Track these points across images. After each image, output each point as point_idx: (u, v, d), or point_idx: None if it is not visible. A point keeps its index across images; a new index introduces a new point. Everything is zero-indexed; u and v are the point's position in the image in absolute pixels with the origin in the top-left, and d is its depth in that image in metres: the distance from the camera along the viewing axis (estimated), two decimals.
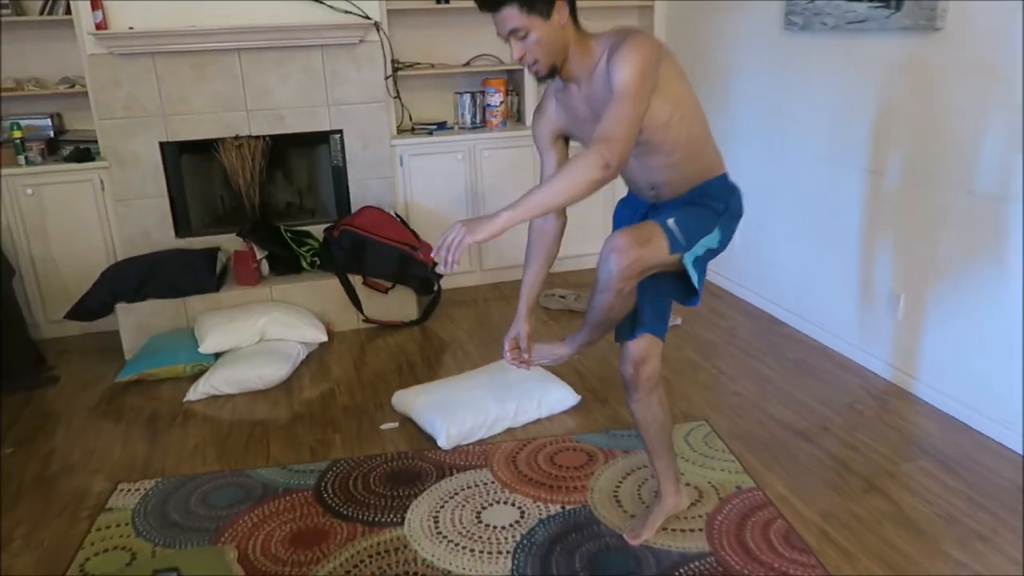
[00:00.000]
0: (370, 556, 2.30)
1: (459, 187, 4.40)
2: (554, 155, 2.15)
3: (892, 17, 2.99)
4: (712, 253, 2.05)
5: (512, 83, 4.59)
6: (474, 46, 4.54)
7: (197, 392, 3.33)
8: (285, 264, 4.00)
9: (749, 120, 4.03)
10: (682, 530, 2.36)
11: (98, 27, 3.65)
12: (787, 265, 3.86)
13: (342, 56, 4.03)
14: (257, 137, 4.00)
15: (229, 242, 4.10)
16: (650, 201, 2.13)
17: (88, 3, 3.63)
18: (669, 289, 2.14)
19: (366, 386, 3.43)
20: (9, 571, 2.31)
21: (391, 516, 2.48)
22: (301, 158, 4.43)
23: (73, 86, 3.95)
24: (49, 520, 2.56)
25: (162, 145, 3.94)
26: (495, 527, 2.41)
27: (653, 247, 1.88)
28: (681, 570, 2.18)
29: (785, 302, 3.91)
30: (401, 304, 4.04)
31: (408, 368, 3.60)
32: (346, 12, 3.92)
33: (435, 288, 4.06)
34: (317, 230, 4.19)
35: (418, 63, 4.43)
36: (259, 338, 3.56)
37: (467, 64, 4.55)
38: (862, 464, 2.69)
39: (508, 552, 2.29)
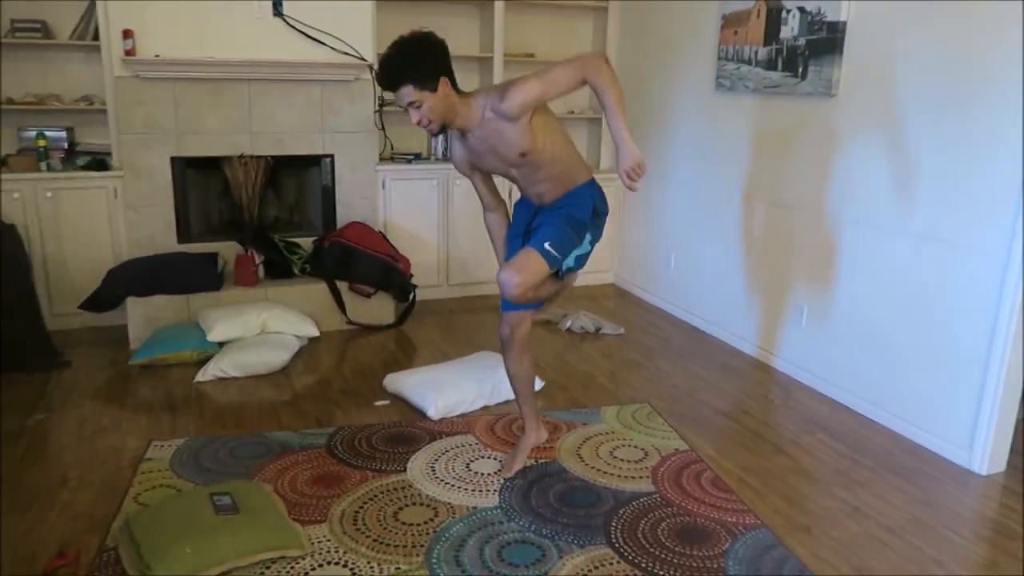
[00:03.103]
0: (382, 492, 2.82)
1: (432, 210, 5.00)
2: (478, 177, 2.81)
3: (799, 84, 3.77)
4: (584, 256, 2.74)
5: None
6: None
7: (207, 374, 3.78)
8: (278, 269, 4.49)
9: (683, 162, 4.78)
10: (632, 477, 2.96)
11: (128, 53, 4.14)
12: (712, 286, 4.58)
13: (338, 91, 4.62)
14: (260, 157, 4.52)
15: (225, 248, 4.57)
16: (536, 204, 2.77)
17: (120, 32, 4.12)
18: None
19: (356, 374, 3.94)
20: (74, 502, 2.73)
21: (394, 466, 3.01)
22: (291, 177, 4.95)
23: (92, 103, 4.40)
24: (96, 467, 2.98)
25: (173, 160, 4.41)
26: (483, 474, 2.96)
27: (532, 270, 2.54)
28: (634, 503, 2.78)
29: (710, 316, 4.62)
30: (380, 309, 4.58)
31: (392, 361, 4.13)
32: (345, 54, 4.52)
33: (411, 296, 4.62)
34: (304, 241, 4.71)
35: None
36: (260, 330, 4.04)
37: None
38: (772, 435, 3.36)
39: (495, 491, 2.84)
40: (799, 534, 2.63)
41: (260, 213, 4.70)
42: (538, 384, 3.68)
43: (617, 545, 2.52)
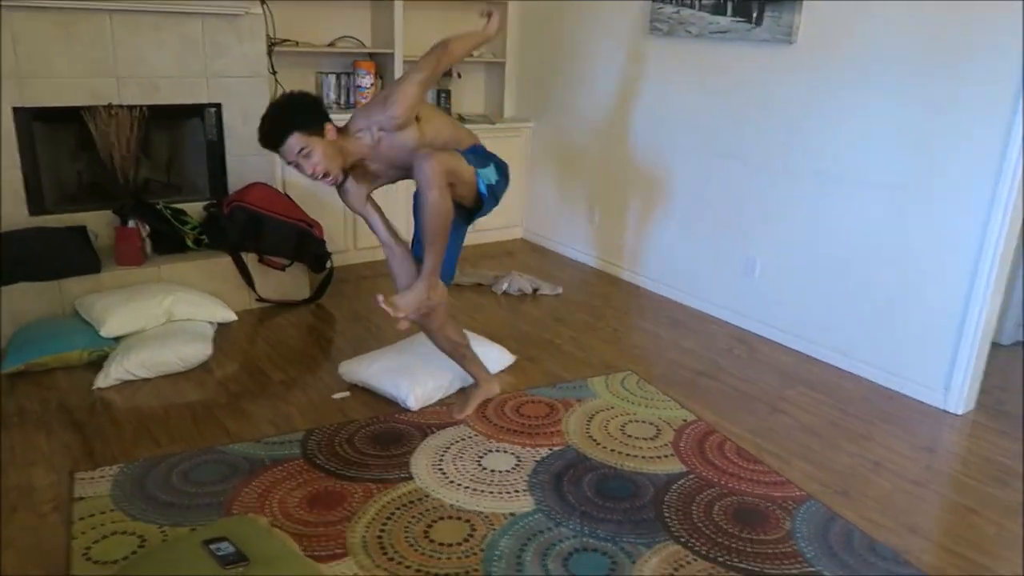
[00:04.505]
0: (398, 508, 2.41)
1: None
2: (373, 212, 2.75)
3: (752, 31, 3.65)
4: (492, 191, 2.69)
5: (380, 66, 4.67)
6: (336, 28, 4.55)
7: (109, 378, 3.07)
8: (167, 243, 3.75)
9: (605, 112, 4.55)
10: (657, 457, 2.76)
11: None
12: (646, 239, 4.44)
13: (223, 27, 3.86)
14: (132, 107, 3.70)
15: (92, 220, 3.75)
16: None
17: None
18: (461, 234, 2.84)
19: (292, 362, 3.39)
20: None
21: (396, 472, 2.59)
22: (163, 132, 4.13)
23: None
24: (5, 517, 2.30)
25: (15, 111, 3.49)
26: (500, 471, 2.63)
27: (453, 159, 2.51)
28: (673, 487, 2.58)
29: (644, 270, 4.50)
30: (293, 283, 3.99)
31: (325, 341, 3.62)
32: None
33: (328, 265, 4.06)
34: (191, 208, 3.97)
35: (286, 40, 4.36)
36: (165, 319, 3.35)
37: (331, 44, 4.55)
38: (758, 392, 3.30)
39: (525, 491, 2.53)
40: (840, 498, 2.58)
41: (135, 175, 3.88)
42: (509, 358, 3.39)
43: (683, 539, 2.32)
